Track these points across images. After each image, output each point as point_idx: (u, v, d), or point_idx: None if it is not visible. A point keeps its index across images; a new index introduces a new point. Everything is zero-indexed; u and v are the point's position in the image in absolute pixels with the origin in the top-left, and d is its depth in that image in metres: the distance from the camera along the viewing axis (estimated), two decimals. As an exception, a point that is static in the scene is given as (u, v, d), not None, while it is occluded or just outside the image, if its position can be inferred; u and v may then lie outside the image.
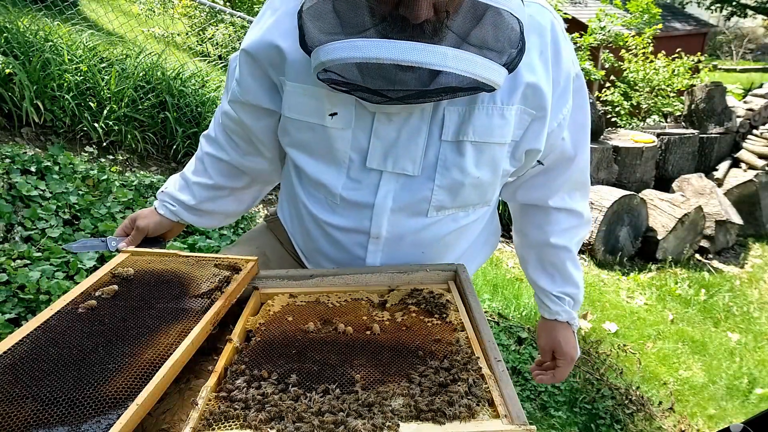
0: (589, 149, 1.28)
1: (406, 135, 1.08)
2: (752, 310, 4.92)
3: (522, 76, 1.04)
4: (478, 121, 1.06)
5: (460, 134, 1.07)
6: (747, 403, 3.61)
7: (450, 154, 1.09)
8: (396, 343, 0.99)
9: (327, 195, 1.20)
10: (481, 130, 1.07)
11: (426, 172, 1.12)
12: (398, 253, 1.23)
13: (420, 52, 0.87)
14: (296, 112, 1.12)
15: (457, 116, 1.07)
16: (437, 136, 1.08)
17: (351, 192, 1.16)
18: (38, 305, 2.31)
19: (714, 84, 7.18)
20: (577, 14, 10.42)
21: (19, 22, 4.15)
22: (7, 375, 0.85)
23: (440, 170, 1.11)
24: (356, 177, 1.15)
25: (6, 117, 3.89)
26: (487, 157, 1.10)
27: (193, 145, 4.60)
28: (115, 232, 1.39)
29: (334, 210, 1.21)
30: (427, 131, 1.08)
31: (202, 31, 7.59)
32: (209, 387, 0.88)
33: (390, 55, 0.88)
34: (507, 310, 3.99)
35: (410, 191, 1.14)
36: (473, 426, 0.79)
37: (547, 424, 2.95)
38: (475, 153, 1.09)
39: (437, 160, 1.10)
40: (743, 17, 19.12)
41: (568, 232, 1.32)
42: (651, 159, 6.30)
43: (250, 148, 1.33)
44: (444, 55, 0.87)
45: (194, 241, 3.21)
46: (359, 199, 1.16)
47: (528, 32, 1.00)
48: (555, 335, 1.39)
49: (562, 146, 1.21)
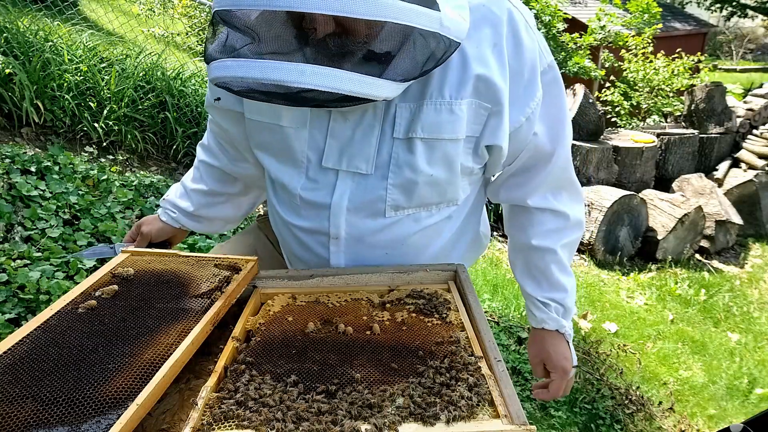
0: (569, 145, 1.22)
1: (360, 133, 1.09)
2: (752, 310, 4.92)
3: (471, 68, 1.02)
4: (427, 118, 1.05)
5: (410, 131, 1.07)
6: (747, 403, 3.61)
7: (402, 152, 1.08)
8: (396, 343, 0.99)
9: (289, 196, 1.21)
10: (430, 127, 1.06)
11: (380, 171, 1.11)
12: (361, 255, 1.22)
13: (281, 71, 0.87)
14: (255, 113, 1.15)
15: (408, 113, 1.06)
16: (389, 134, 1.08)
17: (309, 192, 1.17)
18: (38, 305, 2.31)
19: (714, 84, 7.18)
20: (577, 14, 10.42)
21: (19, 22, 4.15)
22: (7, 375, 0.85)
23: (393, 168, 1.10)
24: (314, 177, 1.15)
25: (6, 117, 3.89)
26: (439, 153, 1.08)
27: (192, 145, 4.60)
28: (124, 238, 1.46)
29: (296, 211, 1.22)
30: (380, 129, 1.08)
31: (202, 31, 7.59)
32: (209, 387, 0.88)
33: (251, 74, 0.89)
34: (507, 310, 3.99)
35: (365, 190, 1.13)
36: (473, 426, 0.79)
37: (547, 424, 2.95)
38: (426, 150, 1.08)
39: (390, 159, 1.09)
40: (743, 17, 19.12)
41: (553, 234, 1.26)
42: (651, 159, 6.30)
43: (236, 153, 1.35)
44: (302, 73, 0.87)
45: (194, 241, 3.21)
46: (317, 200, 1.16)
47: (480, 24, 1.01)
48: (544, 346, 1.31)
49: (536, 142, 1.16)
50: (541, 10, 7.75)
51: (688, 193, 6.12)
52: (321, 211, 1.17)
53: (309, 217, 1.20)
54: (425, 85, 1.04)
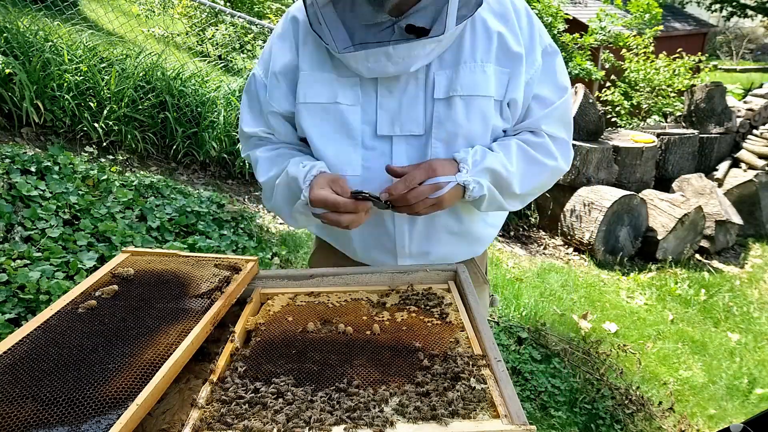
0: (570, 101, 1.35)
1: (406, 101, 1.24)
2: (752, 310, 4.92)
3: (494, 38, 1.23)
4: (464, 78, 1.22)
5: (450, 90, 1.23)
6: (747, 403, 3.61)
7: (443, 109, 1.24)
8: (396, 343, 0.99)
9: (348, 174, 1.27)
10: (468, 86, 1.22)
11: (426, 129, 1.26)
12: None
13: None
14: (311, 96, 1.26)
15: (445, 77, 1.23)
16: (431, 96, 1.24)
17: (369, 162, 1.27)
18: (38, 305, 2.31)
19: (714, 84, 7.17)
20: (577, 14, 10.43)
21: (19, 22, 4.15)
22: (7, 375, 0.85)
23: (435, 125, 1.24)
24: (371, 146, 1.27)
25: (6, 117, 3.89)
26: (476, 109, 1.24)
27: (193, 145, 4.61)
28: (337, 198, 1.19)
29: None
30: (423, 95, 1.24)
31: (202, 31, 7.59)
32: (209, 387, 0.88)
33: None
34: (507, 310, 3.99)
35: (417, 150, 1.27)
36: (473, 426, 0.79)
37: (547, 424, 2.95)
38: (464, 106, 1.23)
39: (432, 117, 1.24)
40: (743, 17, 19.11)
41: (526, 134, 1.32)
42: (651, 159, 6.30)
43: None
44: None
45: (194, 241, 3.21)
46: (378, 167, 1.26)
47: (497, 7, 1.26)
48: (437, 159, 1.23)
49: (541, 96, 1.30)
50: (543, 11, 7.75)
51: (688, 193, 6.12)
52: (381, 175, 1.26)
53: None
54: (458, 53, 1.23)
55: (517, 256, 5.41)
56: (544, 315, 4.09)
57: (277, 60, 1.31)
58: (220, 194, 4.17)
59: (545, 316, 4.08)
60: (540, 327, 3.81)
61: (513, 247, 5.65)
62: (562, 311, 4.25)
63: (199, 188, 4.33)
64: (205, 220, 3.55)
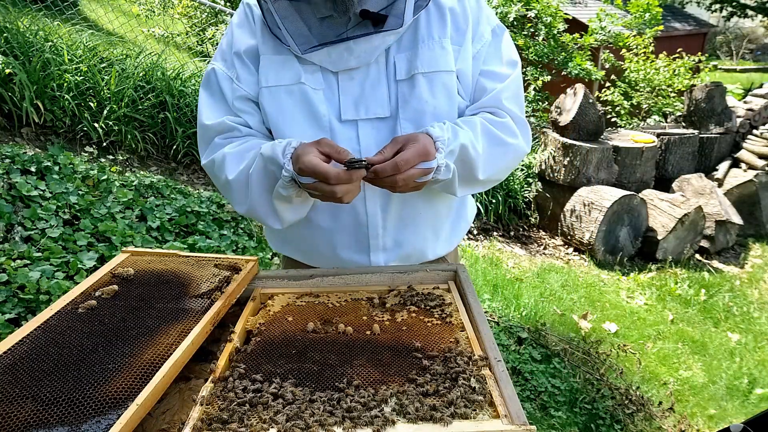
0: (519, 75, 1.36)
1: (369, 85, 1.25)
2: (752, 310, 4.92)
3: (447, 16, 1.26)
4: (424, 56, 1.24)
5: (411, 69, 1.24)
6: (747, 403, 3.61)
7: (406, 89, 1.24)
8: (396, 344, 0.99)
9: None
10: (429, 62, 1.24)
11: (392, 111, 1.26)
12: (386, 194, 1.27)
13: None
14: (273, 79, 1.25)
15: (405, 60, 1.25)
16: (393, 78, 1.25)
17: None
18: (38, 305, 2.31)
19: (714, 84, 7.16)
20: (577, 14, 10.42)
21: (19, 22, 4.15)
22: (7, 375, 0.85)
23: (401, 105, 1.24)
24: (338, 131, 1.25)
25: (6, 117, 3.89)
26: (439, 84, 1.25)
27: (192, 145, 4.60)
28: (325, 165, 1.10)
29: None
30: (386, 78, 1.25)
31: (202, 31, 7.59)
32: (209, 387, 0.88)
33: None
34: (507, 310, 3.99)
35: (384, 132, 1.26)
36: (473, 426, 0.79)
37: (547, 424, 2.95)
38: (427, 83, 1.24)
39: (398, 98, 1.25)
40: (743, 17, 19.11)
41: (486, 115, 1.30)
42: (651, 159, 6.29)
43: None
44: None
45: (194, 241, 3.21)
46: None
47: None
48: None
49: (494, 71, 1.31)
50: (542, 11, 7.75)
51: (688, 193, 6.12)
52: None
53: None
54: (415, 34, 1.26)
55: (517, 256, 5.42)
56: (544, 315, 4.09)
57: (240, 44, 1.29)
58: (220, 194, 4.17)
59: (545, 316, 4.08)
60: (540, 327, 3.81)
61: (513, 247, 5.65)
62: (562, 311, 4.25)
63: (199, 188, 4.33)
64: (205, 220, 3.55)
